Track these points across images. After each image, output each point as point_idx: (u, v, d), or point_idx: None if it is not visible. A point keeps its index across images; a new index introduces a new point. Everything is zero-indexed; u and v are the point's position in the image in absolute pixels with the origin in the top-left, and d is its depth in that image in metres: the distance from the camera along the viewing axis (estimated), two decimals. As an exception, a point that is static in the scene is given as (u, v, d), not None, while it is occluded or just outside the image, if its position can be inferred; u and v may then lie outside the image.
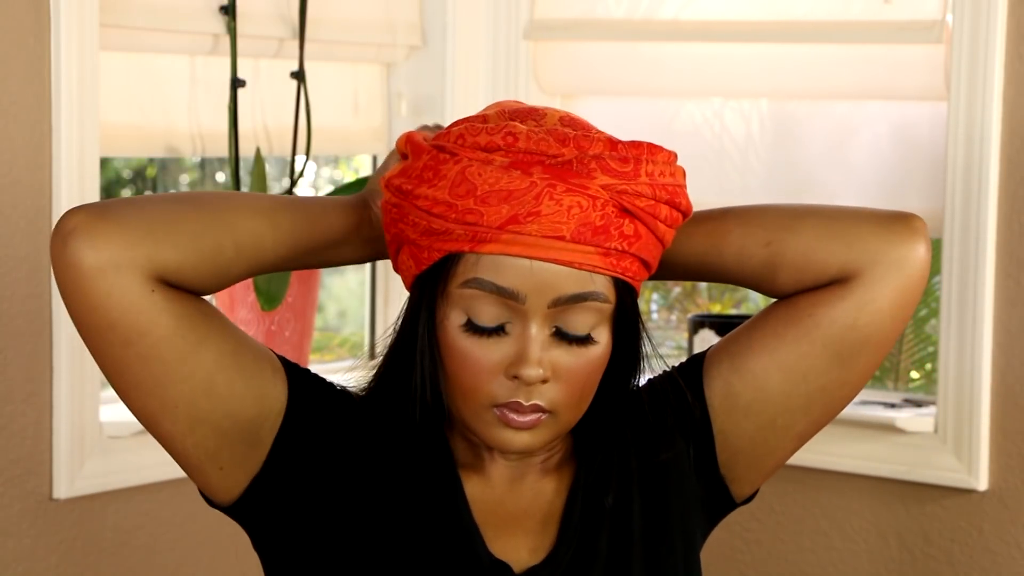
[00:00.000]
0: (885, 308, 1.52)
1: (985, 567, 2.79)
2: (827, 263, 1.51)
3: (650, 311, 4.77)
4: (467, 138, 1.44)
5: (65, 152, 2.49)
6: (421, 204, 1.44)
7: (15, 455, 2.48)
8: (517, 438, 1.47)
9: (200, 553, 2.75)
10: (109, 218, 1.41)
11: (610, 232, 1.43)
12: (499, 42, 3.13)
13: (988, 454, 2.77)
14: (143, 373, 1.45)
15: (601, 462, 1.56)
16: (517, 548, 1.54)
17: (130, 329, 1.42)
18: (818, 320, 1.52)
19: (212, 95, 2.80)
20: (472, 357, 1.46)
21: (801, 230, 1.52)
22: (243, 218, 1.48)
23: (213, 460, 1.51)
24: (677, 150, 1.51)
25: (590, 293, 1.44)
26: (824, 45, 2.94)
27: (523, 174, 1.42)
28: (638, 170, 1.44)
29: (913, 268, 1.52)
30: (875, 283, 1.51)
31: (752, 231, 1.53)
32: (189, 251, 1.44)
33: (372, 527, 1.52)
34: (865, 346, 1.53)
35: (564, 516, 1.55)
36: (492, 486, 1.55)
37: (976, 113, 2.72)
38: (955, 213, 2.76)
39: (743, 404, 1.55)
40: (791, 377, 1.54)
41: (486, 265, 1.43)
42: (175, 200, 1.48)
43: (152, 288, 1.42)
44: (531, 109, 1.50)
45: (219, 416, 1.48)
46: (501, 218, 1.42)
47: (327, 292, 4.87)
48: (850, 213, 1.54)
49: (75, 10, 2.48)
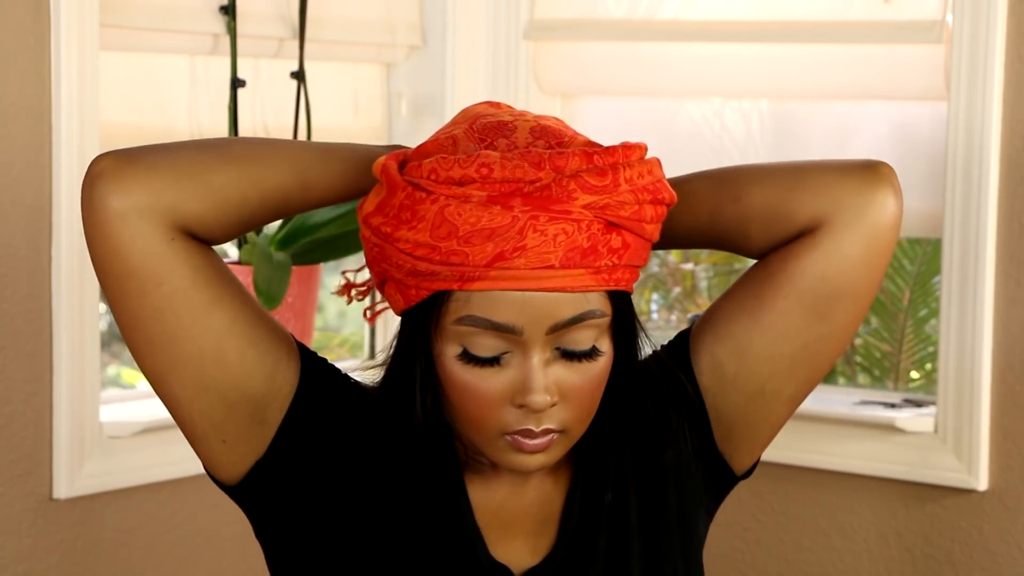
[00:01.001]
0: (855, 256, 1.50)
1: (985, 567, 2.79)
2: (794, 213, 1.50)
3: (650, 311, 4.77)
4: (440, 173, 1.40)
5: (65, 152, 2.49)
6: (403, 247, 1.42)
7: (15, 455, 2.48)
8: (532, 460, 1.47)
9: (200, 553, 2.75)
10: (136, 163, 1.42)
11: (599, 251, 1.42)
12: (499, 42, 3.13)
13: (988, 454, 2.77)
14: (156, 326, 1.45)
15: (599, 459, 1.56)
16: (518, 550, 1.53)
17: (148, 277, 1.43)
18: (789, 273, 1.51)
19: (212, 95, 2.80)
20: (475, 388, 1.44)
21: (768, 183, 1.51)
22: (272, 174, 1.47)
23: (217, 431, 1.50)
24: (677, 150, 1.51)
25: (587, 313, 1.43)
26: (824, 45, 2.94)
27: (503, 208, 1.39)
28: (617, 180, 1.42)
29: (880, 214, 1.50)
30: (842, 231, 1.50)
31: (722, 188, 1.52)
32: (214, 202, 1.44)
33: (374, 524, 1.52)
34: (840, 298, 1.52)
35: (563, 516, 1.54)
36: (495, 490, 1.55)
37: (976, 113, 2.72)
38: (955, 213, 2.76)
39: (730, 375, 1.54)
40: (772, 338, 1.53)
41: (478, 301, 1.41)
42: (204, 148, 1.48)
43: (173, 236, 1.43)
44: (499, 124, 1.46)
45: (227, 386, 1.48)
46: (487, 256, 1.39)
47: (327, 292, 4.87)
48: (817, 164, 1.53)
49: (75, 10, 2.48)
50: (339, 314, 5.10)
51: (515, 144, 1.44)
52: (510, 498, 1.55)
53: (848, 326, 1.54)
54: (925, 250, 4.35)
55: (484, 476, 1.55)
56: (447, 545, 1.51)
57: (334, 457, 1.53)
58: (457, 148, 1.44)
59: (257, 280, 2.66)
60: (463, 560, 1.51)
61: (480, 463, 1.55)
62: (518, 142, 1.44)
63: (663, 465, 1.56)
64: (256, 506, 1.55)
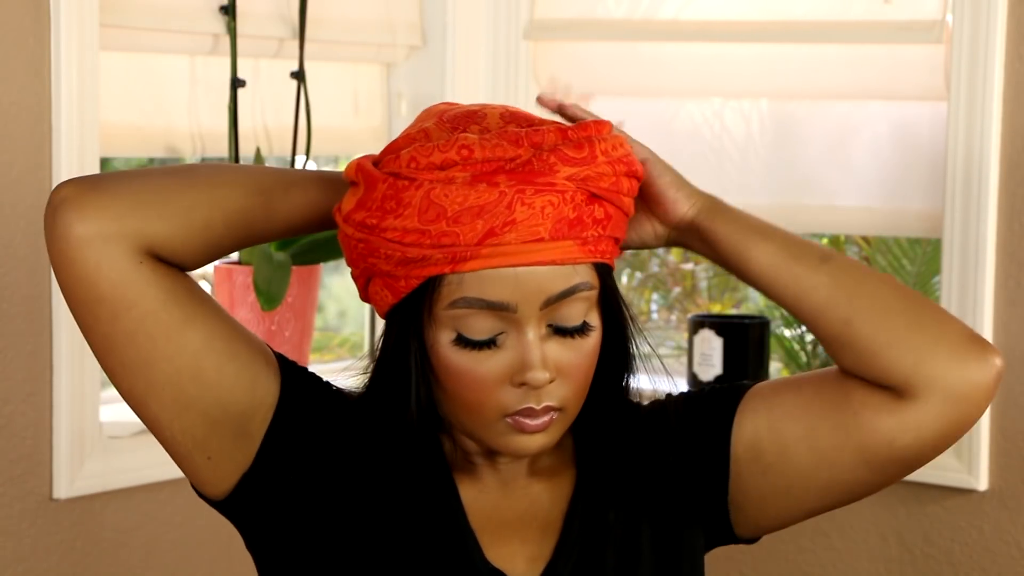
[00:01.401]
0: (929, 437, 1.48)
1: (985, 567, 2.79)
2: (891, 370, 1.47)
3: (650, 311, 4.77)
4: (420, 160, 1.41)
5: (65, 152, 2.48)
6: (391, 236, 1.41)
7: (15, 455, 2.48)
8: (532, 441, 1.46)
9: (200, 553, 2.75)
10: (99, 189, 1.42)
11: (584, 221, 1.42)
12: (499, 42, 3.13)
13: (988, 454, 2.77)
14: (130, 350, 1.44)
15: (603, 474, 1.55)
16: (513, 556, 1.52)
17: (118, 302, 1.42)
18: (861, 422, 1.49)
19: (212, 95, 2.80)
20: (472, 372, 1.44)
21: (882, 324, 1.48)
22: (236, 197, 1.47)
23: (201, 449, 1.50)
24: (677, 150, 1.52)
25: (577, 285, 1.43)
26: (824, 45, 2.94)
27: (489, 185, 1.39)
28: (594, 152, 1.43)
29: (970, 406, 1.48)
30: (928, 411, 1.47)
31: (837, 300, 1.49)
32: (179, 225, 1.44)
33: (365, 530, 1.51)
34: (898, 463, 1.50)
35: (564, 527, 1.53)
36: (485, 490, 1.54)
37: (976, 113, 2.72)
38: (955, 213, 2.76)
39: (765, 463, 1.53)
40: (818, 460, 1.51)
41: (470, 282, 1.41)
42: (167, 173, 1.48)
43: (140, 260, 1.42)
44: (469, 113, 1.47)
45: (207, 403, 1.47)
46: (478, 234, 1.39)
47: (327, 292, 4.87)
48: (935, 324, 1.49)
49: (75, 10, 2.48)
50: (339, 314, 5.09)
51: (488, 128, 1.44)
52: (502, 499, 1.54)
53: (894, 481, 1.53)
54: (925, 250, 4.34)
55: (474, 476, 1.54)
56: (442, 548, 1.51)
57: (321, 465, 1.52)
58: (430, 139, 1.44)
59: (257, 280, 2.66)
60: (459, 564, 1.51)
61: (470, 463, 1.54)
62: (491, 126, 1.45)
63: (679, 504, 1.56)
64: (245, 519, 1.54)
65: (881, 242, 4.43)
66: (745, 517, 1.56)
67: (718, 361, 3.02)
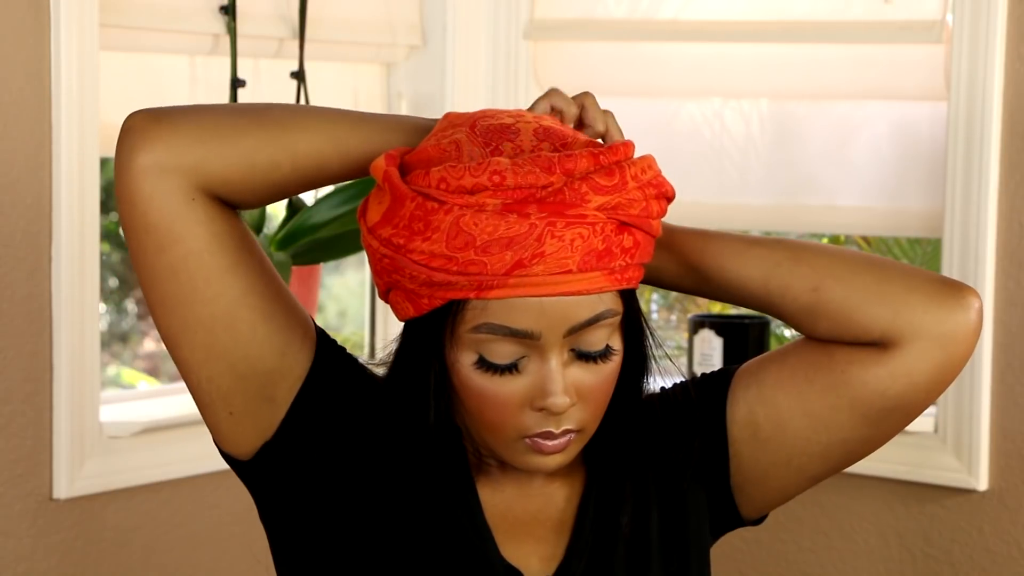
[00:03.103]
0: (921, 382, 1.48)
1: (985, 567, 2.79)
2: (870, 326, 1.47)
3: (650, 311, 4.77)
4: (451, 182, 1.39)
5: (65, 152, 2.48)
6: (417, 258, 1.40)
7: (15, 455, 2.48)
8: (551, 461, 1.46)
9: (200, 553, 2.75)
10: (163, 121, 1.44)
11: (613, 252, 1.41)
12: (499, 42, 3.13)
13: (988, 454, 2.77)
14: (171, 285, 1.46)
15: (614, 475, 1.55)
16: (527, 555, 1.53)
17: (165, 234, 1.44)
18: (849, 379, 1.49)
19: (212, 95, 2.80)
20: (493, 395, 1.44)
21: (851, 284, 1.48)
22: (306, 139, 1.47)
23: (225, 401, 1.50)
24: (677, 150, 1.51)
25: (602, 313, 1.43)
26: (824, 45, 2.94)
27: (520, 216, 1.38)
28: (624, 178, 1.42)
29: (957, 346, 1.47)
30: (914, 356, 1.47)
31: (801, 271, 1.49)
32: (240, 166, 1.45)
33: (382, 520, 1.51)
34: (894, 412, 1.50)
35: (576, 527, 1.54)
36: (501, 489, 1.54)
37: (976, 113, 2.73)
38: (955, 213, 2.76)
39: (763, 436, 1.53)
40: (814, 424, 1.51)
41: (495, 309, 1.40)
42: (237, 111, 1.49)
43: (193, 197, 1.44)
44: (502, 127, 1.44)
45: (236, 356, 1.48)
46: (506, 265, 1.38)
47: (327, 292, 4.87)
48: (904, 276, 1.49)
49: (75, 10, 2.48)
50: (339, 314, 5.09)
51: (521, 148, 1.42)
52: (517, 499, 1.55)
53: (894, 432, 1.53)
54: (925, 250, 4.35)
55: (491, 476, 1.54)
56: (458, 544, 1.51)
57: (344, 447, 1.52)
58: (462, 153, 1.43)
59: (257, 280, 2.66)
60: (475, 560, 1.51)
61: (487, 463, 1.54)
62: (524, 146, 1.43)
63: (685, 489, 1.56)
64: (263, 488, 1.54)
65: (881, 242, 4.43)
66: (749, 497, 1.56)
67: (718, 361, 3.02)
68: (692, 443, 1.55)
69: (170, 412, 2.75)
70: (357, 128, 1.50)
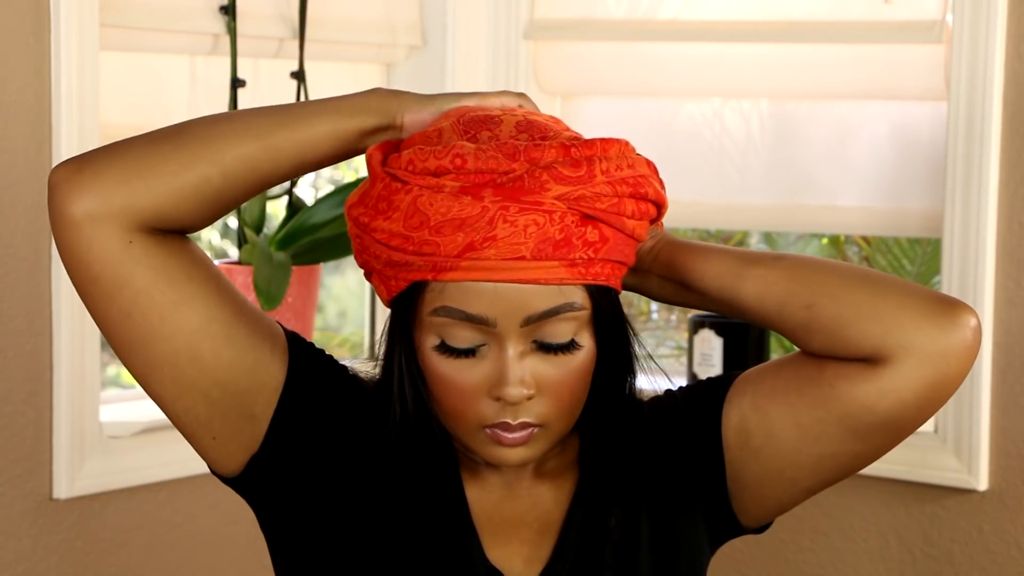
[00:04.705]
0: (910, 399, 1.46)
1: (985, 567, 2.79)
2: (860, 342, 1.45)
3: (650, 311, 4.77)
4: (417, 164, 1.40)
5: (65, 152, 2.49)
6: (379, 237, 1.42)
7: (15, 455, 2.48)
8: (512, 454, 1.46)
9: (200, 553, 2.76)
10: (85, 170, 1.43)
11: (572, 243, 1.40)
12: (499, 42, 3.13)
13: (988, 454, 2.77)
14: (127, 329, 1.46)
15: (604, 478, 1.54)
16: (512, 556, 1.53)
17: (111, 281, 1.44)
18: (838, 393, 1.47)
19: (212, 95, 2.80)
20: (453, 380, 1.44)
21: (843, 300, 1.46)
22: (230, 146, 1.46)
23: (205, 428, 1.50)
24: (677, 150, 1.50)
25: (561, 306, 1.42)
26: (824, 45, 2.94)
27: (474, 199, 1.38)
28: (592, 171, 1.41)
29: (948, 365, 1.45)
30: (904, 374, 1.45)
31: (797, 289, 1.48)
32: (169, 193, 1.44)
33: (370, 520, 1.52)
34: (883, 428, 1.48)
35: (563, 529, 1.53)
36: (488, 490, 1.54)
37: (976, 113, 2.73)
38: (955, 213, 2.76)
39: (754, 445, 1.52)
40: (804, 436, 1.50)
41: (452, 292, 1.41)
42: (156, 140, 1.48)
43: (130, 240, 1.43)
44: (486, 117, 1.45)
45: (206, 384, 1.47)
46: (457, 246, 1.39)
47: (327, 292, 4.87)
48: (898, 293, 1.46)
49: (75, 10, 2.48)
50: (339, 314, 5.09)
51: (497, 136, 1.43)
52: (505, 499, 1.54)
53: (884, 449, 1.51)
54: (925, 250, 4.35)
55: (480, 476, 1.54)
56: (444, 543, 1.51)
57: (330, 451, 1.52)
58: (441, 140, 1.44)
59: (257, 280, 2.66)
60: (458, 559, 1.51)
61: (475, 462, 1.54)
62: (501, 135, 1.43)
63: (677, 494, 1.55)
64: (256, 499, 1.55)
65: (881, 242, 4.43)
66: (745, 506, 1.56)
67: (718, 361, 3.02)
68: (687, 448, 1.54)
69: (170, 412, 2.75)
70: (280, 124, 1.48)
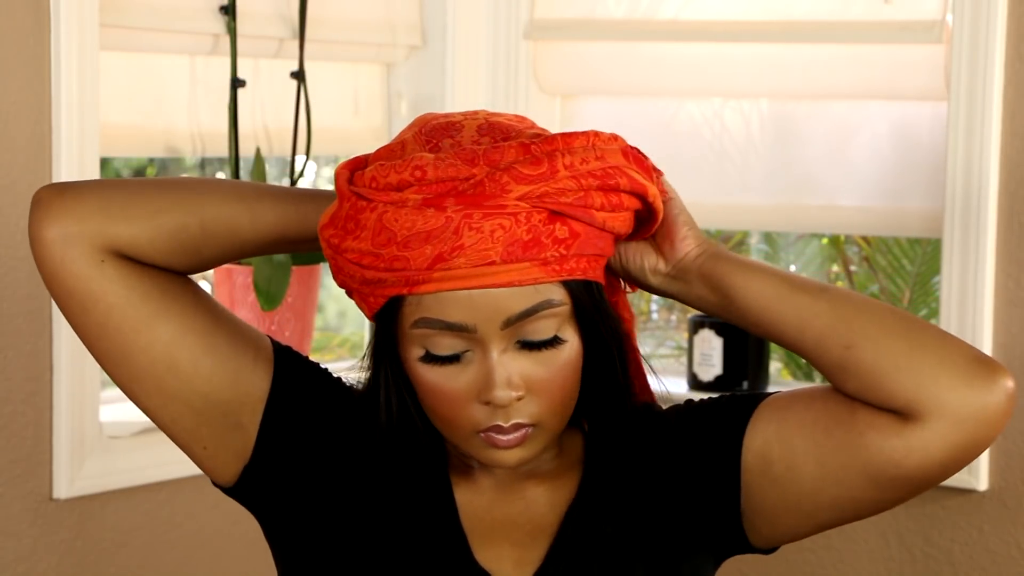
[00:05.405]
0: (937, 458, 1.43)
1: (985, 567, 2.79)
2: (894, 394, 1.42)
3: (650, 311, 4.77)
4: (379, 180, 1.40)
5: (65, 152, 2.49)
6: (351, 257, 1.42)
7: (15, 455, 2.48)
8: (509, 455, 1.45)
9: (200, 553, 2.75)
10: (67, 194, 1.48)
11: (542, 242, 1.40)
12: (499, 42, 3.13)
13: (988, 454, 2.77)
14: (105, 342, 1.50)
15: (607, 483, 1.53)
16: (501, 559, 1.52)
17: (85, 296, 1.49)
18: (866, 442, 1.44)
19: (212, 95, 2.80)
20: (442, 388, 1.44)
21: (882, 348, 1.43)
22: (214, 203, 1.50)
23: (195, 439, 1.53)
24: (677, 150, 1.49)
25: (539, 305, 1.41)
26: (824, 45, 2.94)
27: (437, 210, 1.38)
28: (555, 167, 1.40)
29: (979, 429, 1.42)
30: (934, 433, 1.42)
31: (838, 327, 1.44)
32: (144, 227, 1.48)
33: (362, 524, 1.52)
34: (906, 483, 1.46)
35: (559, 532, 1.52)
36: (480, 491, 1.54)
37: (976, 113, 2.73)
38: (955, 213, 2.76)
39: (774, 474, 1.49)
40: (825, 476, 1.47)
41: (429, 303, 1.41)
42: (144, 182, 1.53)
43: (102, 259, 1.48)
44: (448, 124, 1.45)
45: (188, 394, 1.50)
46: (427, 259, 1.38)
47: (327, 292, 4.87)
48: (937, 348, 1.43)
49: (75, 10, 2.48)
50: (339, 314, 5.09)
51: (459, 143, 1.43)
52: (496, 502, 1.53)
53: (903, 499, 1.49)
54: (925, 250, 4.35)
55: (471, 478, 1.54)
56: (432, 546, 1.51)
57: (321, 459, 1.53)
58: (404, 152, 1.44)
59: (257, 280, 2.66)
60: (447, 562, 1.50)
61: (467, 465, 1.54)
62: (463, 141, 1.43)
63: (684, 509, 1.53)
64: (255, 508, 1.56)
65: (881, 242, 4.43)
66: (758, 528, 1.53)
67: (718, 361, 3.02)
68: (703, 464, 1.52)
69: (170, 412, 2.75)
70: (270, 195, 1.52)
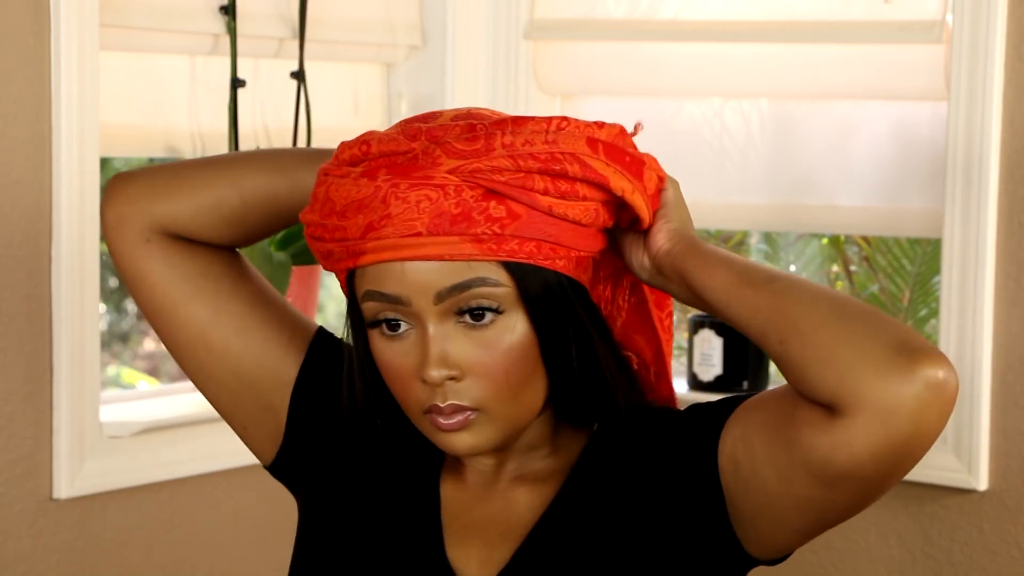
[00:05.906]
0: (864, 456, 1.35)
1: (985, 567, 2.79)
2: (818, 389, 1.36)
3: (650, 311, 4.76)
4: (338, 156, 1.45)
5: (65, 152, 2.49)
6: (308, 231, 1.47)
7: (15, 455, 2.48)
8: (458, 440, 1.44)
9: (200, 553, 2.75)
10: (124, 179, 1.60)
11: (473, 218, 1.39)
12: (499, 42, 3.13)
13: (988, 454, 2.77)
14: (154, 318, 1.60)
15: (590, 491, 1.50)
16: (468, 557, 1.51)
17: (134, 274, 1.59)
18: (802, 438, 1.38)
19: (212, 95, 2.80)
20: (391, 363, 1.45)
21: (809, 341, 1.37)
22: (251, 174, 1.57)
23: (234, 418, 1.62)
24: (677, 150, 1.49)
25: (470, 281, 1.41)
26: (824, 45, 2.94)
27: (369, 180, 1.41)
28: (491, 144, 1.39)
29: (899, 423, 1.34)
30: (856, 428, 1.34)
31: (776, 320, 1.39)
32: (186, 204, 1.58)
33: (354, 513, 1.55)
34: (846, 480, 1.38)
35: (529, 536, 1.49)
36: (465, 488, 1.54)
37: (976, 113, 2.73)
38: (955, 213, 2.76)
39: (743, 477, 1.44)
40: (779, 477, 1.41)
41: (371, 276, 1.43)
42: (188, 163, 1.63)
43: (148, 238, 1.58)
44: (430, 113, 1.48)
45: (223, 373, 1.58)
46: (360, 228, 1.41)
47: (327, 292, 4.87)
48: (864, 337, 1.36)
49: (75, 10, 2.48)
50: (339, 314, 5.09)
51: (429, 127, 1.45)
52: (477, 500, 1.53)
53: (857, 502, 1.41)
54: (925, 250, 4.34)
55: (459, 475, 1.55)
56: (407, 538, 1.52)
57: (338, 445, 1.58)
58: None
59: (257, 280, 2.66)
60: (418, 555, 1.51)
61: (457, 460, 1.55)
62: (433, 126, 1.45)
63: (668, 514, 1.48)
64: (292, 488, 1.63)
65: (881, 242, 4.43)
66: (748, 536, 1.47)
67: (718, 361, 3.02)
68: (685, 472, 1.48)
69: (170, 412, 2.75)
70: (307, 162, 1.57)
